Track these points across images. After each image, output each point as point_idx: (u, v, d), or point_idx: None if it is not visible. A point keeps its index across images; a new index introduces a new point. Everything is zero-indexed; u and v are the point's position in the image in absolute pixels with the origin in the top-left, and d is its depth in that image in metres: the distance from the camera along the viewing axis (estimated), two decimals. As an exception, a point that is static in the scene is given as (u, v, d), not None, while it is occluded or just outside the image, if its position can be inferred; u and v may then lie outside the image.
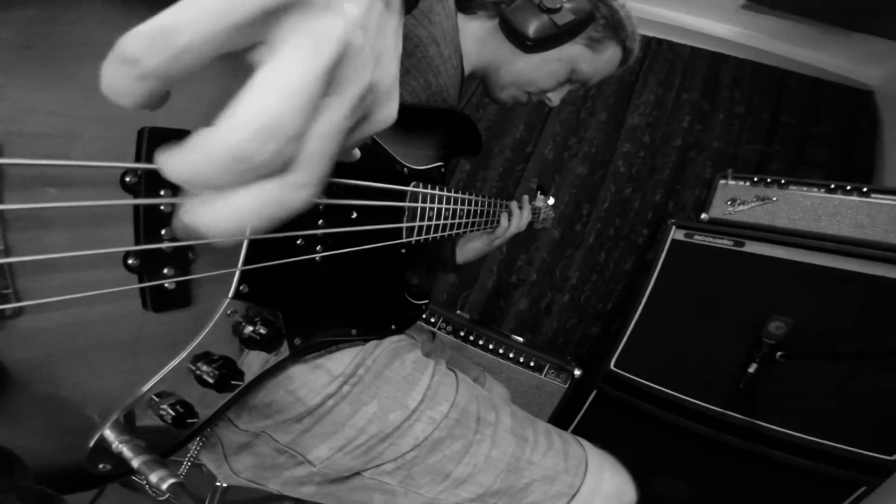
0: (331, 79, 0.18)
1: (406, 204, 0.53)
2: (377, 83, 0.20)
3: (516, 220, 0.88)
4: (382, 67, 0.20)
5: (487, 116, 2.05)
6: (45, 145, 0.26)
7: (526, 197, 0.95)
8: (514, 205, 0.90)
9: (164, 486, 0.29)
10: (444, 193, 0.60)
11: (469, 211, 0.69)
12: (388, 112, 0.22)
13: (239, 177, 0.16)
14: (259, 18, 0.16)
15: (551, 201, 1.11)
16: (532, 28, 0.70)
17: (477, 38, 0.75)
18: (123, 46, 0.15)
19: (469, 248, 0.93)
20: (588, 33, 0.75)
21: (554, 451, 0.58)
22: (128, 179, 0.29)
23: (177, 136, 0.30)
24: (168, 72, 0.15)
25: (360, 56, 0.18)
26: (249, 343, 0.38)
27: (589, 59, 0.77)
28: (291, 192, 0.18)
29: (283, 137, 0.16)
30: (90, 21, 0.26)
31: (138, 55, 0.15)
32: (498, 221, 0.86)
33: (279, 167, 0.17)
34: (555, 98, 0.84)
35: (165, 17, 0.15)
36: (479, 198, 0.73)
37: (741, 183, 1.35)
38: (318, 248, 0.44)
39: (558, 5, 0.68)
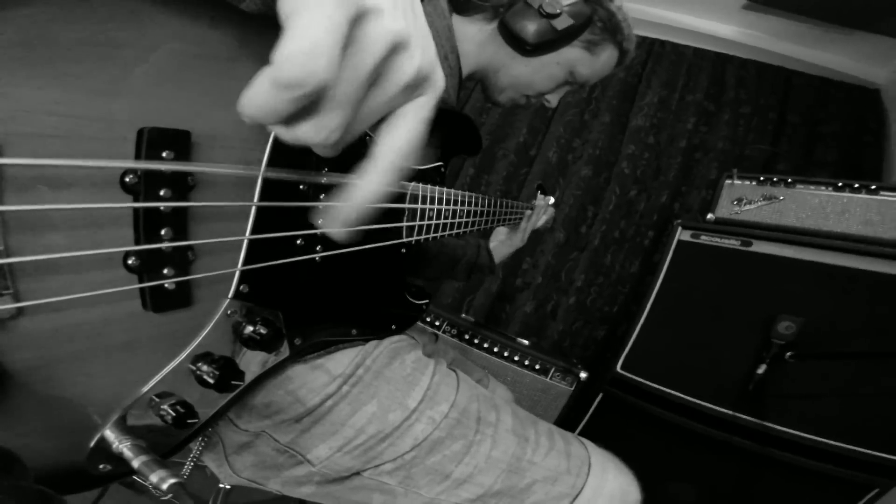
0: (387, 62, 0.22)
1: (406, 205, 0.53)
2: (425, 62, 0.24)
3: (536, 213, 1.02)
4: (426, 52, 0.24)
5: (491, 119, 2.05)
6: (45, 145, 0.26)
7: (540, 200, 1.06)
8: (535, 202, 1.04)
9: (165, 487, 0.29)
10: (444, 194, 0.60)
11: (470, 211, 0.69)
12: (439, 85, 0.26)
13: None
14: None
15: (551, 201, 1.11)
16: (532, 33, 0.70)
17: (476, 42, 0.76)
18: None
19: (503, 250, 1.03)
20: (586, 36, 0.75)
21: (556, 452, 0.57)
22: (128, 180, 0.29)
23: (176, 136, 0.31)
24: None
25: (409, 42, 0.23)
26: (249, 343, 0.38)
27: (587, 61, 0.78)
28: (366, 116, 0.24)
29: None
30: (91, 21, 0.26)
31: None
32: (518, 220, 0.97)
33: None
34: (553, 100, 0.85)
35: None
36: (479, 197, 0.73)
37: (747, 182, 1.34)
38: (317, 248, 0.44)
39: (558, 10, 0.68)
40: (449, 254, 0.94)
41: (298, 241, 0.42)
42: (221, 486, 0.75)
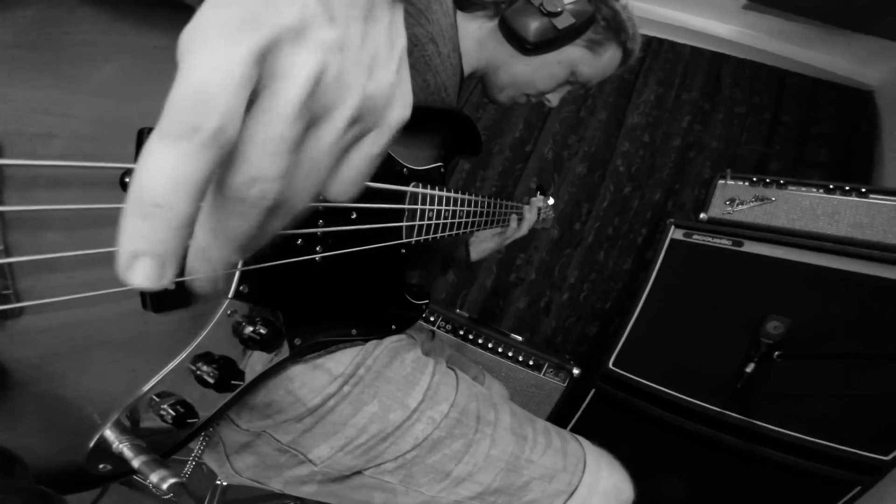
0: (311, 107, 0.17)
1: (406, 206, 0.53)
2: (372, 94, 0.19)
3: (527, 222, 0.95)
4: (376, 76, 0.20)
5: (487, 116, 2.05)
6: (45, 145, 0.26)
7: (535, 199, 1.01)
8: (525, 209, 0.97)
9: (165, 486, 0.29)
10: (444, 194, 0.60)
11: (469, 211, 0.69)
12: (395, 115, 0.21)
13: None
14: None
15: (551, 201, 1.11)
16: (532, 31, 0.69)
17: (476, 39, 0.75)
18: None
19: (482, 248, 0.99)
20: (588, 35, 0.74)
21: (553, 450, 0.58)
22: (128, 180, 0.29)
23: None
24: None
25: (343, 77, 0.18)
26: (249, 343, 0.38)
27: (589, 61, 0.77)
28: (300, 200, 0.19)
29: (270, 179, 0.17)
30: (91, 22, 0.26)
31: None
32: (508, 222, 0.92)
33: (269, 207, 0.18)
34: (554, 99, 0.84)
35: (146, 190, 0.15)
36: (479, 198, 0.73)
37: (740, 183, 1.36)
38: (317, 249, 0.44)
39: (559, 9, 0.67)
40: (431, 247, 0.93)
41: (298, 242, 0.42)
42: (218, 483, 0.75)
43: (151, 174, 0.15)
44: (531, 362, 1.37)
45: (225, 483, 0.76)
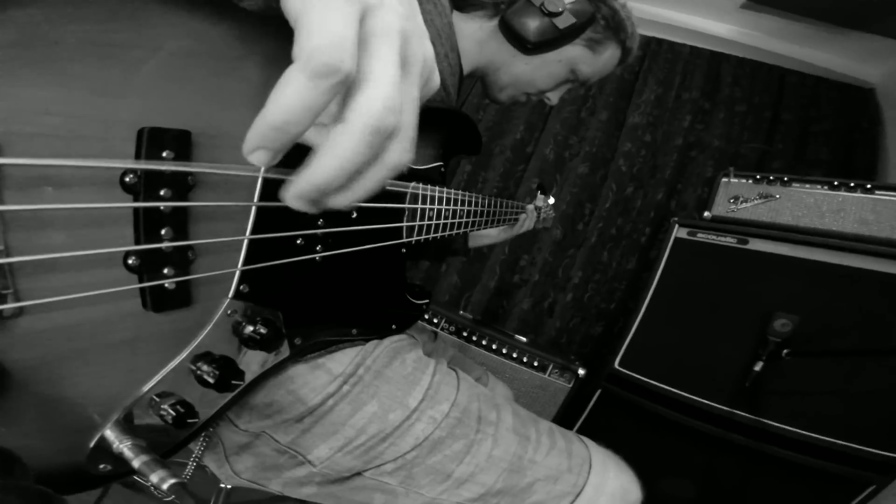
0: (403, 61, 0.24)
1: (406, 205, 0.53)
2: (427, 56, 0.26)
3: (529, 221, 1.00)
4: (426, 44, 0.26)
5: (488, 117, 2.05)
6: (45, 145, 0.26)
7: (536, 199, 1.04)
8: (529, 208, 1.00)
9: (165, 487, 0.29)
10: (445, 194, 0.60)
11: (469, 211, 0.69)
12: (435, 79, 0.27)
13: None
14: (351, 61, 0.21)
15: (551, 201, 1.11)
16: (533, 31, 0.69)
17: (476, 39, 0.75)
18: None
19: (481, 242, 1.04)
20: (588, 34, 0.74)
21: (557, 450, 0.57)
22: (128, 179, 0.29)
23: (176, 135, 0.31)
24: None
25: (414, 37, 0.24)
26: (249, 343, 0.38)
27: (588, 59, 0.77)
28: (404, 154, 0.25)
29: (397, 109, 0.23)
30: (91, 21, 0.26)
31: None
32: (512, 221, 0.95)
33: (391, 133, 0.23)
34: (553, 97, 0.84)
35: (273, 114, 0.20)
36: (479, 197, 0.73)
37: (744, 181, 1.35)
38: (318, 248, 0.44)
39: (560, 8, 0.68)
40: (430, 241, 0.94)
41: (298, 241, 0.42)
42: (222, 486, 0.75)
43: (290, 99, 0.20)
44: (535, 363, 1.36)
45: (229, 486, 0.75)
